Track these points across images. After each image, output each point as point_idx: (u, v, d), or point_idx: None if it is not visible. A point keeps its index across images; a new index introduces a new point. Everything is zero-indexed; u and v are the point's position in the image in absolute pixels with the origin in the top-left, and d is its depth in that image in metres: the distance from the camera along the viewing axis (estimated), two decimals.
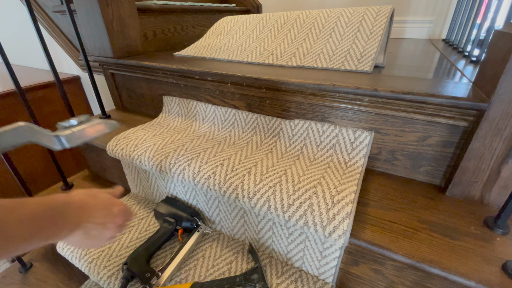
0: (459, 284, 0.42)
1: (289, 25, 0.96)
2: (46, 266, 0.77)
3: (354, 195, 0.51)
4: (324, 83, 0.61)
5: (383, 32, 0.79)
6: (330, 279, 0.56)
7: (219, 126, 0.81)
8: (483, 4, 0.90)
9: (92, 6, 0.86)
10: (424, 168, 0.61)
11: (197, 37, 1.29)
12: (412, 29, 1.51)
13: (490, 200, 0.54)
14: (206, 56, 0.96)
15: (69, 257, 0.67)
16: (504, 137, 0.48)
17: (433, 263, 0.43)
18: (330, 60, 0.78)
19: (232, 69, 0.76)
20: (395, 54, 1.02)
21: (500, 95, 0.46)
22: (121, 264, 0.61)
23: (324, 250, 0.53)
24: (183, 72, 0.82)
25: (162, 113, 0.92)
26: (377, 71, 0.73)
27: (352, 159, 0.62)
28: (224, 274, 0.59)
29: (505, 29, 0.52)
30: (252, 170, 0.59)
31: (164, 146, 0.71)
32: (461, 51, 0.97)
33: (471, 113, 0.51)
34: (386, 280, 0.51)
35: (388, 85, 0.58)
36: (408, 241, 0.46)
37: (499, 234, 0.48)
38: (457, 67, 0.76)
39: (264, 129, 0.74)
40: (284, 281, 0.57)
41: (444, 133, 0.56)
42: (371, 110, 0.60)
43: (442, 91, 0.54)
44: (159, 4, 1.10)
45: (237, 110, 0.77)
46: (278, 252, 0.61)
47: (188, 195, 0.71)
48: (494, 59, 0.50)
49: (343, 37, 0.83)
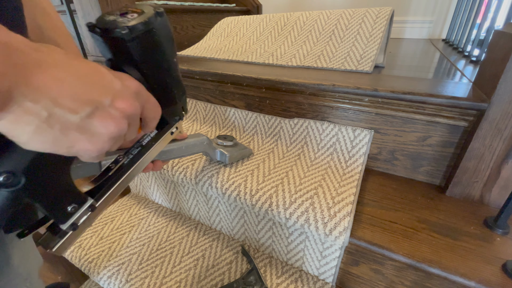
0: (459, 284, 0.42)
1: (289, 27, 0.96)
2: (46, 266, 0.77)
3: (353, 197, 0.52)
4: (324, 83, 0.61)
5: (382, 35, 0.79)
6: (330, 279, 0.56)
7: (219, 125, 0.81)
8: (483, 4, 0.91)
9: (92, 6, 0.86)
10: (424, 168, 0.61)
11: (197, 37, 1.29)
12: (412, 29, 1.51)
13: (490, 200, 0.54)
14: (206, 56, 0.96)
15: (69, 257, 0.67)
16: (504, 137, 0.48)
17: (433, 263, 0.43)
18: (330, 61, 0.78)
19: (232, 69, 0.76)
20: (395, 54, 1.02)
21: (500, 95, 0.46)
22: (121, 264, 0.61)
23: (324, 250, 0.53)
24: (183, 72, 0.82)
25: None
26: (377, 71, 0.73)
27: (352, 157, 0.62)
28: (224, 274, 0.59)
29: (505, 29, 0.52)
30: (254, 172, 0.59)
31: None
32: (461, 51, 0.97)
33: (471, 113, 0.51)
34: (386, 280, 0.51)
35: (388, 85, 0.58)
36: (408, 241, 0.46)
37: (499, 234, 0.48)
38: (457, 67, 0.76)
39: (264, 128, 0.74)
40: (284, 281, 0.57)
41: (444, 133, 0.56)
42: (371, 110, 0.60)
43: (442, 91, 0.54)
44: (159, 4, 1.10)
45: (237, 109, 0.77)
46: (278, 252, 0.61)
47: (188, 195, 0.71)
48: (494, 59, 0.50)
49: (343, 40, 0.84)
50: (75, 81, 0.19)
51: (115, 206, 0.80)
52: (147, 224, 0.73)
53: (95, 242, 0.68)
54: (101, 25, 0.24)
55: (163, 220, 0.75)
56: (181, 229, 0.72)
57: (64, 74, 0.18)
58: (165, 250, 0.65)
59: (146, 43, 0.26)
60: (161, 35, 0.27)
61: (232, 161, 0.61)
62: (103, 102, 0.20)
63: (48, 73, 0.17)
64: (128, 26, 0.24)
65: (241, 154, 0.63)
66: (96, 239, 0.69)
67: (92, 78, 0.20)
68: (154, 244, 0.67)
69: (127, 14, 0.25)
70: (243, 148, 0.64)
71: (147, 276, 0.59)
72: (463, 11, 1.04)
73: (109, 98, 0.21)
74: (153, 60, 0.28)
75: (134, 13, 0.25)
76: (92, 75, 0.20)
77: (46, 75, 0.17)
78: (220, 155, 0.59)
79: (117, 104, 0.21)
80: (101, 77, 0.21)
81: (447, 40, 1.27)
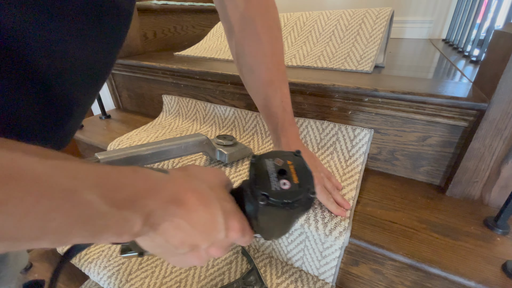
0: (459, 284, 0.42)
1: (289, 27, 0.96)
2: (46, 266, 0.77)
3: (353, 197, 0.52)
4: (324, 82, 0.61)
5: (382, 36, 0.79)
6: (330, 279, 0.56)
7: (219, 125, 0.81)
8: (483, 4, 0.91)
9: None
10: (424, 168, 0.61)
11: (197, 37, 1.29)
12: (412, 29, 1.51)
13: (490, 200, 0.54)
14: (206, 56, 0.96)
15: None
16: (504, 137, 0.48)
17: (433, 263, 0.43)
18: (330, 61, 0.78)
19: (232, 69, 0.76)
20: (395, 54, 1.02)
21: (500, 95, 0.46)
22: (121, 264, 0.61)
23: (324, 250, 0.53)
24: (183, 72, 0.82)
25: (162, 112, 0.92)
26: (377, 71, 0.73)
27: (352, 157, 0.62)
28: (224, 274, 0.59)
29: (505, 29, 0.52)
30: None
31: None
32: (461, 51, 0.97)
33: (471, 113, 0.51)
34: (386, 280, 0.51)
35: (388, 85, 0.58)
36: (408, 241, 0.46)
37: (499, 234, 0.48)
38: (457, 67, 0.76)
39: (264, 128, 0.74)
40: (284, 281, 0.57)
41: (444, 133, 0.56)
42: (371, 110, 0.60)
43: (442, 91, 0.54)
44: (159, 4, 1.10)
45: (237, 109, 0.77)
46: (278, 252, 0.61)
47: None
48: (494, 59, 0.50)
49: (343, 40, 0.84)
50: (189, 229, 0.23)
51: None
52: None
53: None
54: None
55: None
56: None
57: (184, 224, 0.22)
58: None
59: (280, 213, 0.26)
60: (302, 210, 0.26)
61: (232, 160, 0.61)
62: (200, 247, 0.24)
63: (169, 222, 0.22)
64: (287, 201, 0.24)
65: (241, 154, 0.63)
66: None
67: (204, 227, 0.23)
68: None
69: (283, 175, 0.25)
70: (243, 147, 0.64)
71: (147, 276, 0.59)
72: (463, 11, 1.04)
73: (207, 244, 0.25)
74: (281, 224, 0.29)
75: (287, 180, 0.25)
76: (206, 225, 0.23)
77: (169, 224, 0.22)
78: (219, 154, 0.59)
79: (210, 251, 0.26)
80: (212, 228, 0.24)
81: (447, 40, 1.27)
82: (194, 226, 0.23)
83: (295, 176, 0.26)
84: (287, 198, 0.24)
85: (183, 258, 0.25)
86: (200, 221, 0.23)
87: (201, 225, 0.23)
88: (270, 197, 0.24)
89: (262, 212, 0.26)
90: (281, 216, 0.27)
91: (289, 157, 0.28)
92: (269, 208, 0.24)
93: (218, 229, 0.24)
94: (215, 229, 0.24)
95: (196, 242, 0.24)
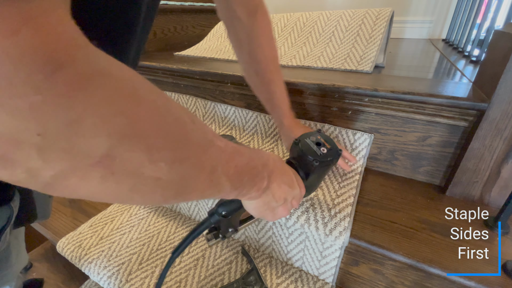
0: (459, 284, 0.42)
1: (289, 28, 0.96)
2: (46, 266, 0.77)
3: (353, 198, 0.52)
4: (324, 82, 0.61)
5: (382, 36, 0.79)
6: (330, 279, 0.56)
7: (219, 124, 0.81)
8: (483, 4, 0.90)
9: None
10: (424, 168, 0.61)
11: (197, 37, 1.29)
12: (412, 29, 1.51)
13: (490, 200, 0.54)
14: (206, 56, 0.96)
15: (69, 257, 0.67)
16: (504, 137, 0.48)
17: (433, 263, 0.43)
18: (330, 61, 0.78)
19: (232, 69, 0.76)
20: (395, 54, 1.02)
21: (500, 95, 0.46)
22: (121, 264, 0.61)
23: (324, 250, 0.53)
24: (183, 72, 0.82)
25: None
26: (377, 71, 0.73)
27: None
28: (224, 274, 0.59)
29: (505, 29, 0.52)
30: None
31: None
32: (461, 51, 0.97)
33: (471, 113, 0.51)
34: (386, 280, 0.51)
35: (388, 85, 0.58)
36: (408, 241, 0.46)
37: (499, 234, 0.48)
38: (457, 67, 0.76)
39: (264, 128, 0.74)
40: (284, 281, 0.57)
41: (444, 133, 0.56)
42: (371, 110, 0.60)
43: (442, 91, 0.54)
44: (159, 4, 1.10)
45: (237, 108, 0.77)
46: (278, 252, 0.61)
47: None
48: (494, 59, 0.50)
49: (343, 41, 0.84)
50: (284, 186, 0.34)
51: (115, 206, 0.80)
52: (147, 224, 0.73)
53: (95, 242, 0.68)
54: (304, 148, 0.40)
55: (163, 220, 0.75)
56: (181, 229, 0.72)
57: (281, 182, 0.33)
58: (165, 250, 0.65)
59: (322, 170, 0.41)
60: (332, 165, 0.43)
61: None
62: (288, 199, 0.36)
63: (275, 182, 0.33)
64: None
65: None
66: (96, 239, 0.69)
67: (290, 185, 0.35)
68: (154, 244, 0.67)
69: (320, 145, 0.41)
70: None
71: (147, 276, 0.59)
72: (463, 11, 1.04)
73: (291, 197, 0.36)
74: (319, 180, 0.44)
75: (324, 147, 0.41)
76: (290, 184, 0.35)
77: (275, 184, 0.33)
78: None
79: (293, 203, 0.37)
80: (294, 186, 0.36)
81: (447, 40, 1.27)
82: (287, 184, 0.34)
83: (327, 144, 0.41)
84: (329, 157, 0.40)
85: (277, 211, 0.36)
86: (288, 182, 0.35)
87: (288, 184, 0.34)
88: (320, 159, 0.39)
89: (313, 171, 0.39)
90: (324, 171, 0.42)
91: (317, 134, 0.43)
92: (319, 167, 0.39)
93: (295, 186, 0.36)
94: (295, 187, 0.36)
95: (286, 195, 0.35)
